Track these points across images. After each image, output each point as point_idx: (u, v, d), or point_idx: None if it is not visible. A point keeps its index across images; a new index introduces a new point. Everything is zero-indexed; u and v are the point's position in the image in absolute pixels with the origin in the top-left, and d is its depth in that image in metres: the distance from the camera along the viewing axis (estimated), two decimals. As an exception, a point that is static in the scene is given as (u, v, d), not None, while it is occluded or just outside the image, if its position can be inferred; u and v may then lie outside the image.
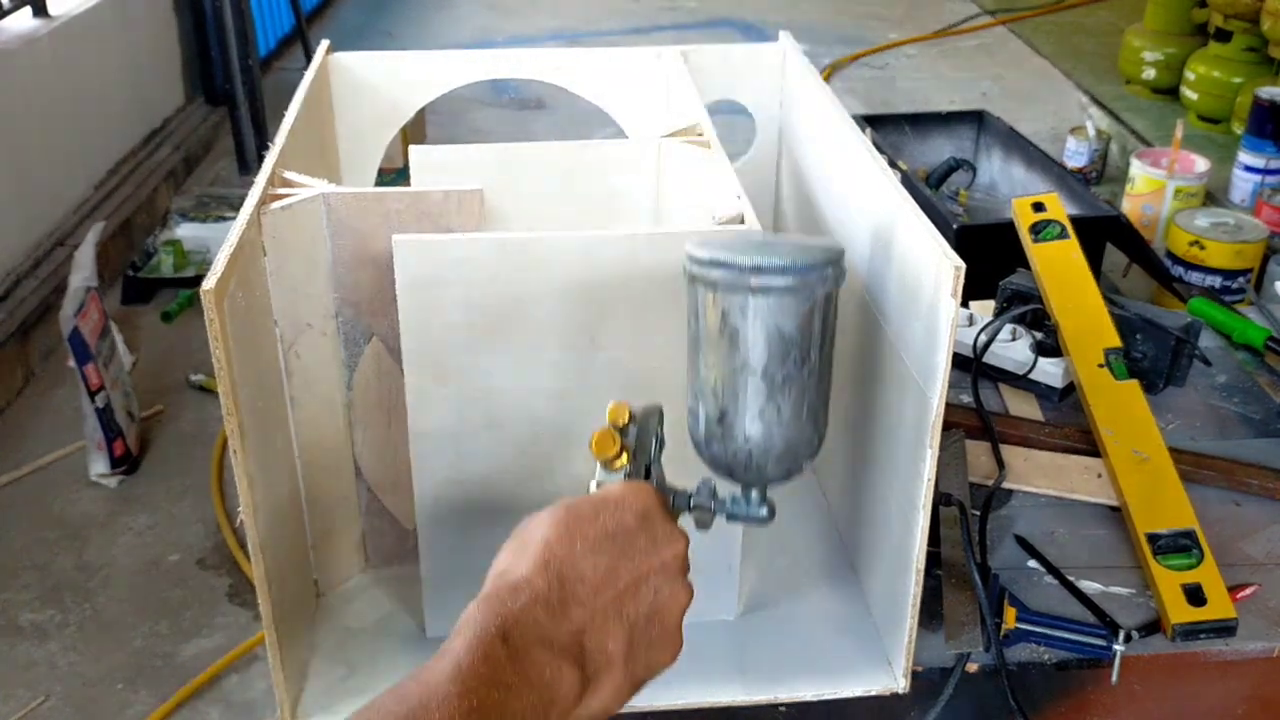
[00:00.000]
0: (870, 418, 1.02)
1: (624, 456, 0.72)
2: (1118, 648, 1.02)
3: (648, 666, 0.68)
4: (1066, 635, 1.03)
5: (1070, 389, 1.39)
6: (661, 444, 0.76)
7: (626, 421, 0.73)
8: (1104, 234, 1.70)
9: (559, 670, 0.62)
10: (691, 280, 0.75)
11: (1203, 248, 1.69)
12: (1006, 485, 1.24)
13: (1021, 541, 1.16)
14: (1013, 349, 1.41)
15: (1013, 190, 1.97)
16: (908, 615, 0.94)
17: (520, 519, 0.68)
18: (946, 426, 0.91)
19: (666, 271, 0.88)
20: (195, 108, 3.83)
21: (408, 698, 0.58)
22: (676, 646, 0.69)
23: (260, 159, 1.36)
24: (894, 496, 0.96)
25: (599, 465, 0.73)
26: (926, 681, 1.00)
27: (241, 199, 0.91)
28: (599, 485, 0.72)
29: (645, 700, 0.96)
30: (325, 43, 1.26)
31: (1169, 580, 1.08)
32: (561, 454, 0.94)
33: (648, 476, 0.74)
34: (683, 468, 0.77)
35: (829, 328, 0.76)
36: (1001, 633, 1.02)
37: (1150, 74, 3.25)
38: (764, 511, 0.78)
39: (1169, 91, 3.19)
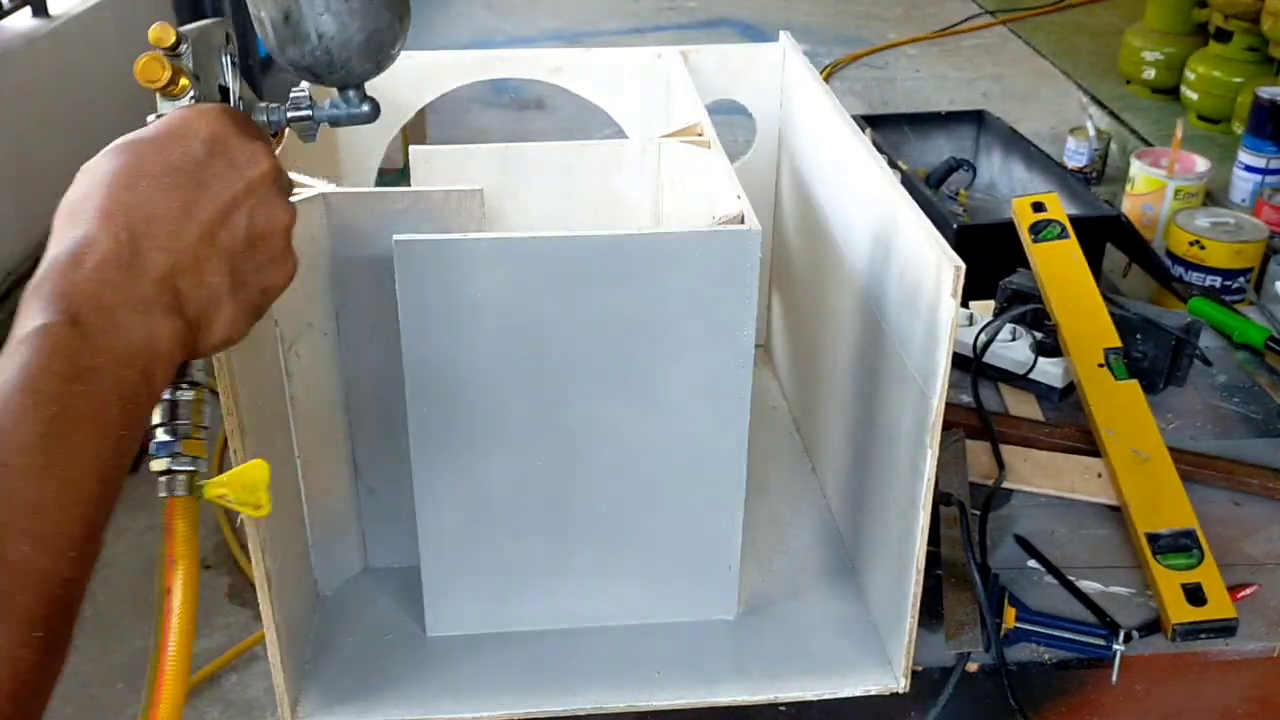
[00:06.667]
0: (870, 417, 1.02)
1: (183, 81, 0.67)
2: (1118, 648, 1.02)
3: (262, 291, 0.66)
4: (1066, 635, 1.03)
5: (1070, 389, 1.39)
6: (235, 62, 0.71)
7: (174, 42, 0.67)
8: (1104, 234, 1.70)
9: (150, 326, 0.57)
10: None
11: (1203, 247, 1.69)
12: (1006, 485, 1.24)
13: (1021, 541, 1.16)
14: (1013, 349, 1.41)
15: (1013, 190, 1.97)
16: (908, 615, 0.94)
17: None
18: (946, 426, 0.91)
19: (667, 271, 0.88)
20: (195, 108, 3.83)
21: None
22: (288, 265, 0.67)
23: (260, 159, 1.35)
24: (894, 496, 0.96)
25: (158, 97, 0.67)
26: (926, 681, 1.00)
27: (241, 199, 0.91)
28: (159, 117, 0.66)
29: (645, 700, 0.97)
30: (325, 42, 1.26)
31: (1169, 580, 1.08)
32: (561, 453, 0.94)
33: (226, 100, 0.69)
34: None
35: None
36: (1001, 632, 1.02)
37: (1150, 74, 3.25)
38: (367, 108, 0.74)
39: (1169, 91, 3.19)
